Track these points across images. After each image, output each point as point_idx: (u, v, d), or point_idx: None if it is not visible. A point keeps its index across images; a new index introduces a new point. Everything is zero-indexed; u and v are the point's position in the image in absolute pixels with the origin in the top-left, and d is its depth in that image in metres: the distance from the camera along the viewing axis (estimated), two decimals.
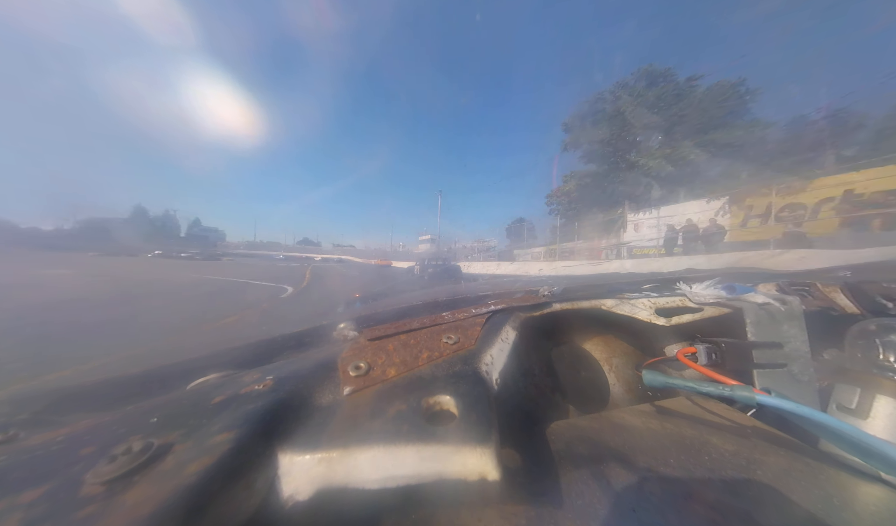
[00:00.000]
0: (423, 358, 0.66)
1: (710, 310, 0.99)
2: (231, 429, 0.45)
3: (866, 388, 0.66)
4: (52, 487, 0.38)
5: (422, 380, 0.58)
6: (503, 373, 0.69)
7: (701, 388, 0.66)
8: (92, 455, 0.43)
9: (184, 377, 0.72)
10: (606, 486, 0.55)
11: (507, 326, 0.86)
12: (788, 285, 1.15)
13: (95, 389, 0.82)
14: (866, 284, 1.10)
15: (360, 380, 0.59)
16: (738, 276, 1.37)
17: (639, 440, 0.70)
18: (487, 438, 0.44)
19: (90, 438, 0.47)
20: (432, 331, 0.81)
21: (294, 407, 0.53)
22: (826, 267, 3.05)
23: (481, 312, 0.95)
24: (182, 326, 5.31)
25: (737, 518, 0.49)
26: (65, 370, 2.81)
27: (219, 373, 0.72)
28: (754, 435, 0.72)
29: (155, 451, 0.41)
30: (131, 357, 3.26)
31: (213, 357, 0.98)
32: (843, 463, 0.63)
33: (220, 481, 0.38)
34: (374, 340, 0.77)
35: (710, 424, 0.76)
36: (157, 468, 0.39)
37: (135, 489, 0.36)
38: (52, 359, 3.32)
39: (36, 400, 0.76)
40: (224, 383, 0.63)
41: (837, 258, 5.48)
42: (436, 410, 0.51)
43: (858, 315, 0.99)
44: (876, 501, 0.53)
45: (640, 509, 0.50)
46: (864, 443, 0.51)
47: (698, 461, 0.62)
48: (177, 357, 0.93)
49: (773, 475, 0.58)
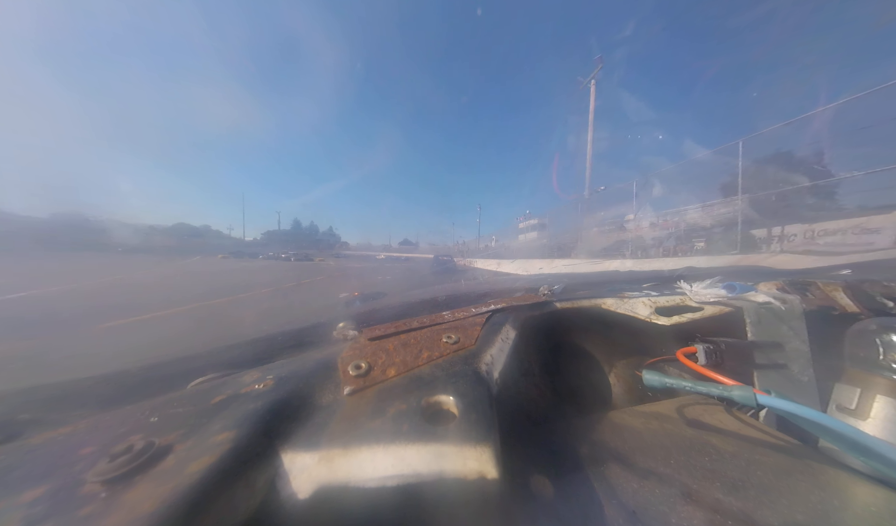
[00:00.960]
0: (423, 358, 0.66)
1: (711, 309, 0.99)
2: (231, 428, 0.45)
3: (866, 388, 0.66)
4: (53, 486, 0.38)
5: (422, 379, 0.58)
6: (503, 373, 0.69)
7: (701, 388, 0.66)
8: (92, 454, 0.43)
9: (184, 377, 0.72)
10: (606, 486, 0.55)
11: (507, 326, 0.86)
12: (789, 284, 1.15)
13: (96, 388, 0.82)
14: (867, 283, 1.10)
15: (361, 379, 0.59)
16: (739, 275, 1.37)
17: (639, 440, 0.70)
18: (487, 438, 0.44)
19: (91, 438, 0.48)
20: (432, 330, 0.81)
21: (294, 407, 0.53)
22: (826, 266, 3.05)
23: (481, 312, 0.95)
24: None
25: (737, 518, 0.49)
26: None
27: (219, 373, 0.72)
28: (754, 435, 0.72)
29: (155, 450, 0.41)
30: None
31: (213, 357, 0.98)
32: (843, 463, 0.63)
33: (221, 481, 0.38)
34: (374, 340, 0.77)
35: (710, 425, 0.76)
36: (157, 468, 0.39)
37: (135, 489, 0.36)
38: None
39: (37, 399, 0.76)
40: (224, 383, 0.63)
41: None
42: (436, 410, 0.51)
43: (859, 314, 0.99)
44: (876, 502, 0.53)
45: (640, 510, 0.50)
46: (864, 443, 0.51)
47: (698, 461, 0.62)
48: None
49: (773, 475, 0.58)
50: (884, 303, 1.02)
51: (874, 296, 1.04)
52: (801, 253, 6.65)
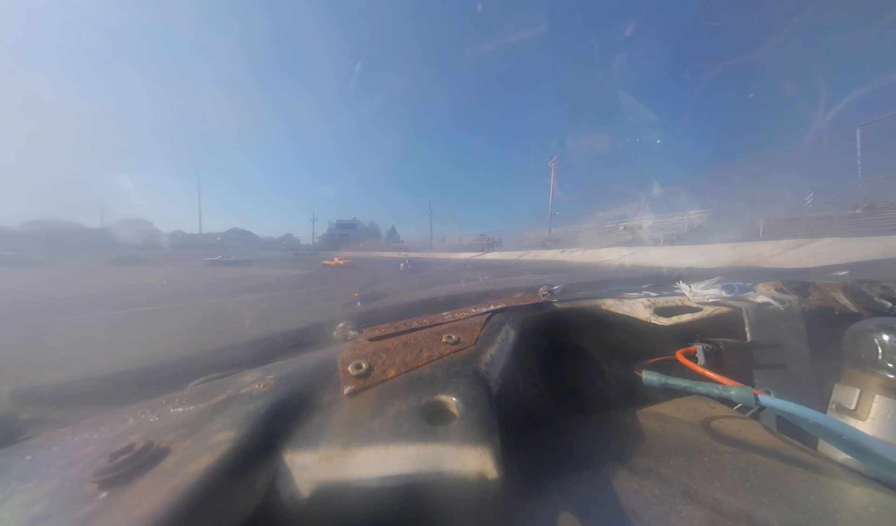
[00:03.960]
0: (424, 358, 0.66)
1: (710, 309, 0.99)
2: (231, 428, 0.45)
3: (865, 388, 0.66)
4: (54, 486, 0.38)
5: (422, 380, 0.58)
6: (503, 373, 0.69)
7: (700, 388, 0.66)
8: (93, 454, 0.43)
9: (184, 377, 0.72)
10: (606, 485, 0.55)
11: (507, 326, 0.86)
12: (788, 285, 1.15)
13: (96, 388, 0.82)
14: (866, 283, 1.10)
15: (361, 379, 0.59)
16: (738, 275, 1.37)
17: (639, 440, 0.70)
18: (487, 438, 0.44)
19: (91, 437, 0.48)
20: (432, 331, 0.81)
21: (294, 407, 0.53)
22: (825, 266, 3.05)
23: (481, 312, 0.95)
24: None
25: (737, 518, 0.49)
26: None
27: (219, 373, 0.72)
28: (754, 435, 0.72)
29: (155, 450, 0.41)
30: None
31: (213, 357, 0.98)
32: (843, 463, 0.63)
33: (221, 481, 0.38)
34: (374, 340, 0.77)
35: (709, 425, 0.76)
36: (157, 468, 0.39)
37: (135, 488, 0.36)
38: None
39: (37, 399, 0.76)
40: (224, 383, 0.63)
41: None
42: (436, 410, 0.51)
43: (857, 315, 0.99)
44: (875, 502, 0.53)
45: (640, 509, 0.50)
46: (863, 444, 0.51)
47: (698, 461, 0.62)
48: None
49: (773, 475, 0.59)
50: (882, 303, 1.02)
51: (873, 296, 1.04)
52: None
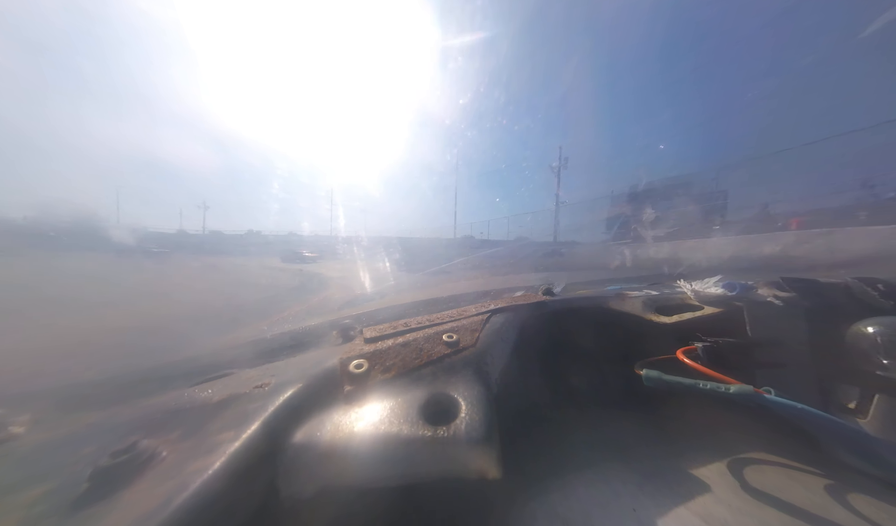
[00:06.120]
0: (423, 358, 0.66)
1: (711, 308, 0.99)
2: (231, 428, 0.46)
3: (866, 387, 0.66)
4: (54, 486, 0.38)
5: (422, 380, 0.58)
6: (503, 373, 0.69)
7: (701, 387, 0.66)
8: (93, 454, 0.43)
9: (184, 377, 0.72)
10: (607, 485, 0.55)
11: (507, 326, 0.86)
12: (789, 283, 1.15)
13: (96, 388, 0.83)
14: (868, 281, 1.10)
15: (361, 379, 0.59)
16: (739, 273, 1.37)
17: (639, 440, 0.70)
18: (488, 438, 0.44)
19: (92, 437, 0.48)
20: (432, 330, 0.81)
21: (294, 407, 0.53)
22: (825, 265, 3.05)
23: (481, 312, 0.95)
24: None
25: (737, 518, 0.49)
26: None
27: (219, 373, 0.72)
28: (755, 435, 0.72)
29: (156, 450, 0.41)
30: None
31: (213, 357, 0.98)
32: (844, 463, 0.63)
33: (221, 481, 0.38)
34: (374, 340, 0.77)
35: (709, 425, 0.76)
36: (158, 467, 0.39)
37: (136, 488, 0.36)
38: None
39: (38, 399, 0.77)
40: (224, 383, 0.63)
41: None
42: (436, 410, 0.51)
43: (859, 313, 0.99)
44: (875, 502, 0.53)
45: (640, 509, 0.50)
46: (864, 443, 0.51)
47: (698, 462, 0.62)
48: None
49: (774, 476, 0.59)
50: (884, 303, 1.02)
51: (874, 295, 1.04)
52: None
